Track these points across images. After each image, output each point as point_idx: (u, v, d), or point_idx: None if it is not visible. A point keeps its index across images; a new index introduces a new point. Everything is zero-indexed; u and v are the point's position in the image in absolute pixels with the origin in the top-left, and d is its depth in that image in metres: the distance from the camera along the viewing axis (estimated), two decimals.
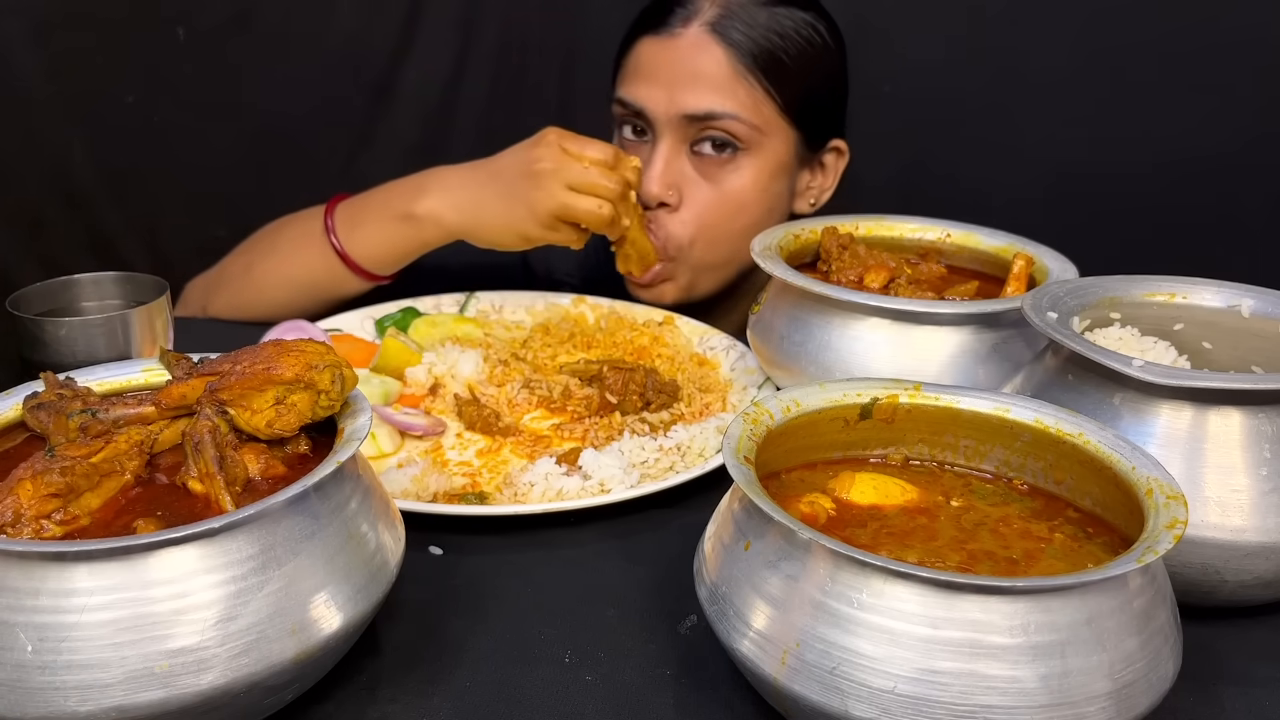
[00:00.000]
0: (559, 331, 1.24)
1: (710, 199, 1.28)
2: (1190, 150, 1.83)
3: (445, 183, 1.23)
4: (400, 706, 0.69)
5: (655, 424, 1.04)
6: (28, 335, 0.92)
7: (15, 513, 0.61)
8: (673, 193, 1.27)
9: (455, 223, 1.21)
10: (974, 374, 0.95)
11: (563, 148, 1.16)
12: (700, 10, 1.25)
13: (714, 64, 1.24)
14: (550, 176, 1.14)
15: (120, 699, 0.56)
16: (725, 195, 1.28)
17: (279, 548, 0.62)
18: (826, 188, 1.39)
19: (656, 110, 1.25)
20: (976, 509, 0.72)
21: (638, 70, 1.28)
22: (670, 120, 1.25)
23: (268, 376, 0.69)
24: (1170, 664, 0.61)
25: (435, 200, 1.22)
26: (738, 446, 0.68)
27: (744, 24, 1.24)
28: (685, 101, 1.24)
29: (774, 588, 0.62)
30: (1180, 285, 0.91)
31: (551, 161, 1.15)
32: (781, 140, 1.29)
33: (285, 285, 1.30)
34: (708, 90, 1.24)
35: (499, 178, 1.19)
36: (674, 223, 1.28)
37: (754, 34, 1.24)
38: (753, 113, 1.25)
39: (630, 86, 1.28)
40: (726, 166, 1.27)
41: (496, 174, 1.19)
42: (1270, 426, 0.74)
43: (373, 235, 1.25)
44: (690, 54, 1.24)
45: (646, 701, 0.70)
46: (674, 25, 1.26)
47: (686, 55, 1.24)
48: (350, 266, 1.27)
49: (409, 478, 0.94)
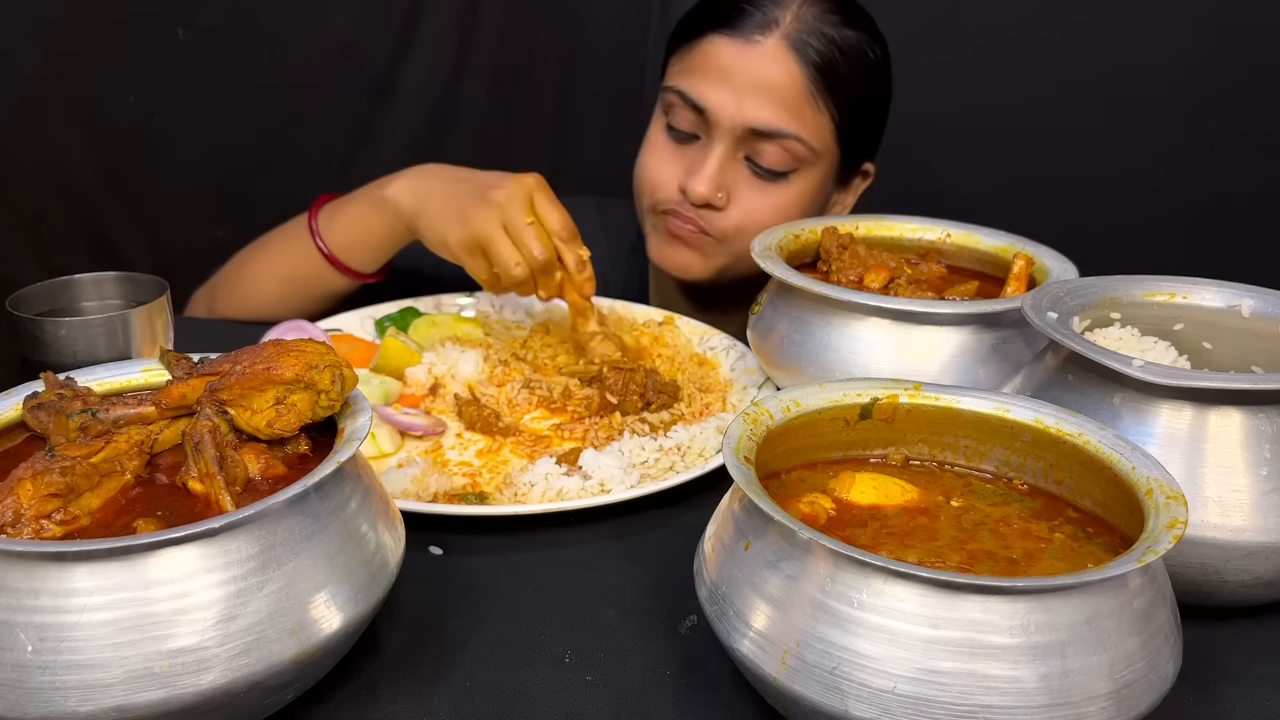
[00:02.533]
0: (559, 331, 1.24)
1: (758, 205, 1.27)
2: (1190, 150, 1.84)
3: (420, 172, 1.23)
4: (400, 707, 0.69)
5: (655, 424, 1.04)
6: (28, 335, 0.92)
7: (15, 513, 0.61)
8: (722, 195, 1.27)
9: (408, 207, 1.21)
10: (974, 374, 0.95)
11: (529, 196, 1.13)
12: (780, 21, 1.23)
13: (789, 81, 1.22)
14: (495, 206, 1.12)
15: (120, 699, 0.56)
16: (774, 206, 1.28)
17: (279, 548, 0.62)
18: (848, 205, 1.40)
19: (721, 114, 1.23)
20: (976, 509, 0.72)
21: (707, 68, 1.25)
22: (733, 127, 1.24)
23: (268, 376, 0.69)
24: (1170, 664, 0.61)
25: (402, 183, 1.22)
26: (738, 446, 0.68)
27: (819, 41, 1.22)
28: (753, 114, 1.22)
29: (774, 588, 0.62)
30: (1180, 285, 0.91)
31: (506, 197, 1.12)
32: (830, 160, 1.30)
33: (273, 281, 1.31)
34: (778, 107, 1.22)
35: (462, 184, 1.17)
36: (717, 219, 1.28)
37: (827, 53, 1.23)
38: (814, 135, 1.25)
39: (696, 82, 1.25)
40: (779, 180, 1.27)
41: (463, 180, 1.18)
42: (1270, 426, 0.74)
43: (346, 221, 1.27)
44: (767, 66, 1.22)
45: (646, 701, 0.70)
46: (750, 30, 1.23)
47: (762, 66, 1.22)
48: (327, 258, 1.28)
49: (409, 478, 0.94)
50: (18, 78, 1.68)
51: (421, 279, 1.31)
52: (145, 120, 1.81)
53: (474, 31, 1.93)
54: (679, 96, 1.27)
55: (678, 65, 1.30)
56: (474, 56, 1.94)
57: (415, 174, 1.23)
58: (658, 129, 1.33)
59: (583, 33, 1.94)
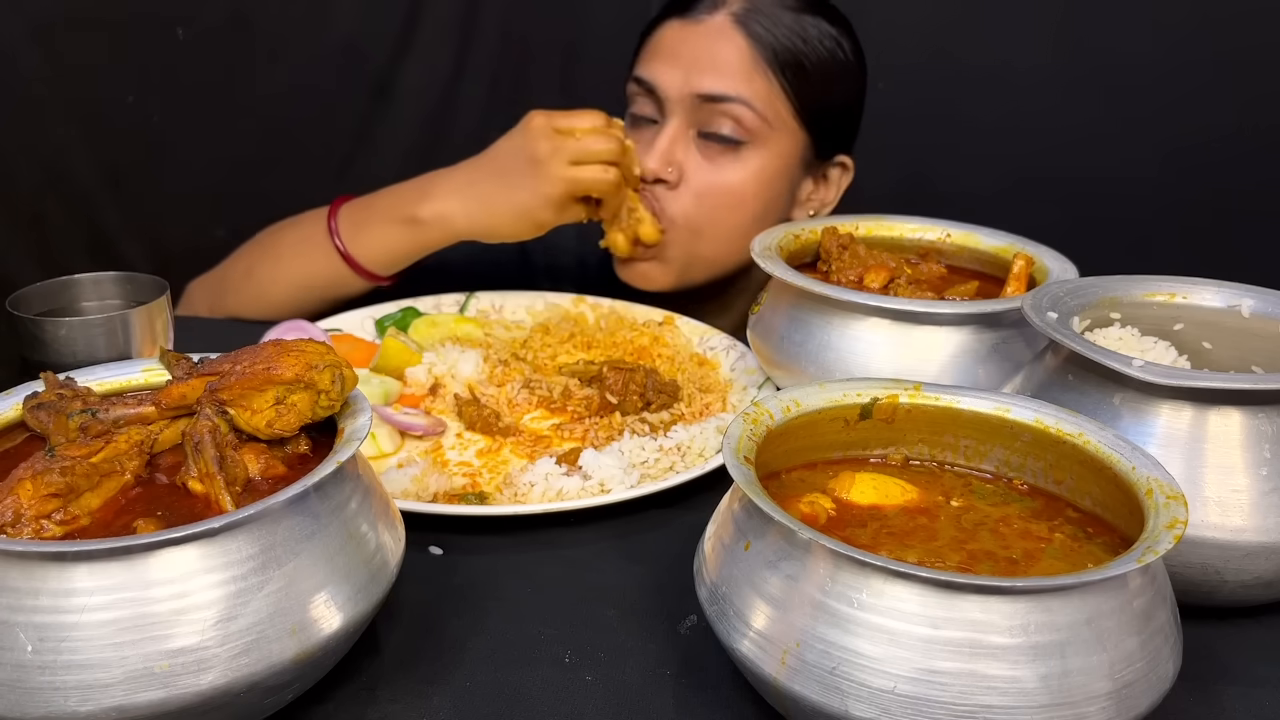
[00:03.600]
0: (559, 331, 1.24)
1: (709, 182, 1.28)
2: (1190, 150, 1.84)
3: (449, 185, 1.24)
4: (400, 707, 0.69)
5: (655, 424, 1.04)
6: (28, 335, 0.92)
7: (15, 513, 0.61)
8: (672, 170, 1.28)
9: (465, 225, 1.23)
10: (974, 374, 0.95)
11: (553, 128, 1.17)
12: (728, 1, 1.28)
13: (734, 51, 1.26)
14: (551, 158, 1.16)
15: (120, 699, 0.56)
16: (725, 182, 1.28)
17: (279, 548, 0.62)
18: (828, 201, 1.40)
19: (670, 88, 1.27)
20: (976, 509, 0.72)
21: (658, 50, 1.30)
22: (682, 99, 1.27)
23: (268, 376, 0.69)
24: (1170, 664, 0.61)
25: (441, 204, 1.23)
26: (738, 446, 0.68)
27: (769, 20, 1.27)
28: (700, 82, 1.26)
29: (774, 588, 0.62)
30: (1180, 285, 0.91)
31: (548, 144, 1.16)
32: (790, 140, 1.30)
33: (288, 287, 1.31)
34: (724, 74, 1.26)
35: (501, 174, 1.20)
36: (669, 199, 1.29)
37: (777, 31, 1.26)
38: (764, 104, 1.27)
39: (648, 65, 1.30)
40: (730, 154, 1.28)
41: (498, 171, 1.21)
42: (1270, 426, 0.74)
43: (377, 238, 1.27)
44: (712, 39, 1.26)
45: (646, 701, 0.70)
46: (700, 12, 1.28)
47: (708, 39, 1.26)
48: (355, 268, 1.28)
49: (409, 478, 0.94)
50: (18, 78, 1.68)
51: (425, 270, 1.31)
52: (145, 120, 1.81)
53: (474, 31, 1.92)
54: (636, 83, 1.32)
55: (639, 57, 1.34)
56: (474, 56, 1.94)
57: (444, 191, 1.24)
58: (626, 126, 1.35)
59: (583, 33, 1.94)
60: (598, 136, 1.17)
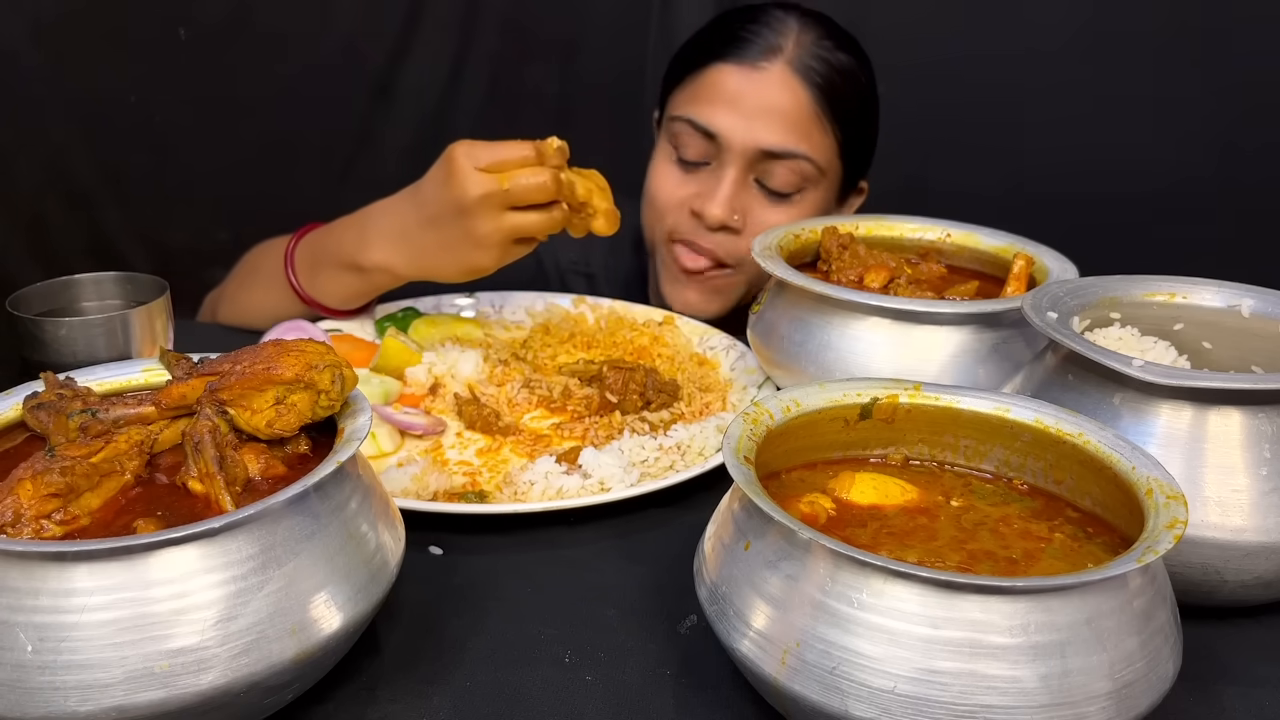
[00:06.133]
0: (559, 331, 1.24)
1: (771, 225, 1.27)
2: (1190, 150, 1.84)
3: (384, 232, 1.15)
4: (400, 707, 0.69)
5: (655, 423, 1.04)
6: (28, 335, 0.92)
7: (15, 513, 0.61)
8: (738, 218, 1.29)
9: (408, 272, 1.16)
10: (974, 374, 0.95)
11: (477, 169, 1.06)
12: (783, 48, 1.27)
13: (796, 104, 1.26)
14: (484, 206, 1.06)
15: (120, 699, 0.56)
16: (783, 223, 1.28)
17: (279, 548, 0.62)
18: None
19: (733, 138, 1.26)
20: (976, 509, 0.72)
21: (716, 96, 1.28)
22: (745, 150, 1.27)
23: (268, 376, 0.69)
24: (1170, 664, 0.61)
25: (380, 254, 1.15)
26: (738, 446, 0.68)
27: (822, 65, 1.27)
28: (764, 137, 1.26)
29: (774, 588, 0.62)
30: (1180, 285, 0.91)
31: (476, 189, 1.05)
32: (834, 177, 1.33)
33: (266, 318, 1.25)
34: (787, 129, 1.26)
35: (433, 224, 1.10)
36: (734, 242, 1.31)
37: (828, 75, 1.27)
38: (821, 155, 1.28)
39: (705, 110, 1.28)
40: (788, 201, 1.30)
41: (429, 220, 1.11)
42: (1270, 426, 0.74)
43: (329, 282, 1.21)
44: (774, 90, 1.26)
45: (646, 701, 0.70)
46: (755, 58, 1.27)
47: (770, 91, 1.26)
48: (316, 308, 1.23)
49: (409, 477, 0.94)
50: (18, 78, 1.68)
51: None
52: (145, 120, 1.81)
53: (474, 31, 1.93)
54: (688, 125, 1.30)
55: (682, 95, 1.32)
56: (474, 56, 1.94)
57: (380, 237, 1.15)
58: (664, 159, 1.34)
59: (583, 33, 1.94)
60: (530, 174, 1.05)
